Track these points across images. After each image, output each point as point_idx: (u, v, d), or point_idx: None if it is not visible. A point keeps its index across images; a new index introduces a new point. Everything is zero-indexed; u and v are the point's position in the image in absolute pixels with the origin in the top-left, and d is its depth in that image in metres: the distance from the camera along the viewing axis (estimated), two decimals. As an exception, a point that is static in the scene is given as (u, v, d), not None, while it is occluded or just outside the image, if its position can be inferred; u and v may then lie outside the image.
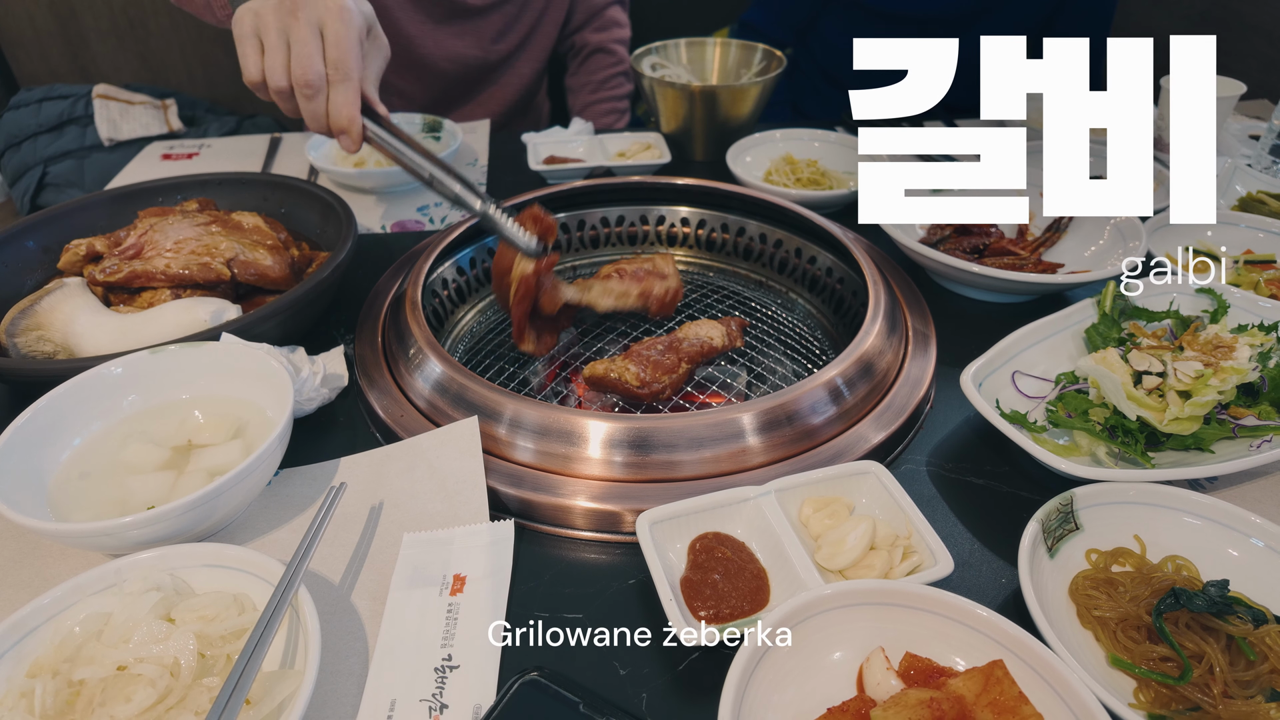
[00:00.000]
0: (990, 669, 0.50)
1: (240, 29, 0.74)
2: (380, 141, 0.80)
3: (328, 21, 0.74)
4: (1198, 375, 0.72)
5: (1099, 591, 0.60)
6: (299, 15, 0.73)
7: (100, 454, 0.71)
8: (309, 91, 0.73)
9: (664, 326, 0.98)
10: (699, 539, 0.64)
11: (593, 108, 1.78)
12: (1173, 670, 0.55)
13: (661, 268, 0.98)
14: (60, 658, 0.54)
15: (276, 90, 0.74)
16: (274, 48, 0.73)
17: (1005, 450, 0.78)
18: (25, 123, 2.36)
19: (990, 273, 0.92)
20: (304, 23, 0.73)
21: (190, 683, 0.53)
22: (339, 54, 0.74)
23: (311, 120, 0.75)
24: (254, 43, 0.74)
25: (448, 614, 0.61)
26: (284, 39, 0.73)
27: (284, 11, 0.74)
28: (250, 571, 0.59)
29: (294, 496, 0.72)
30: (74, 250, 0.93)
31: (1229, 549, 0.63)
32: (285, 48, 0.73)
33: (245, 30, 0.74)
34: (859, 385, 0.78)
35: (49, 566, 0.66)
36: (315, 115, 0.75)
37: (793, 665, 0.53)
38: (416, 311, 0.85)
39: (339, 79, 0.74)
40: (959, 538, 0.69)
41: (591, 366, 0.86)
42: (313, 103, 0.74)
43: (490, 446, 0.73)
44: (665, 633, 0.59)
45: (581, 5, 1.70)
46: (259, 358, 0.74)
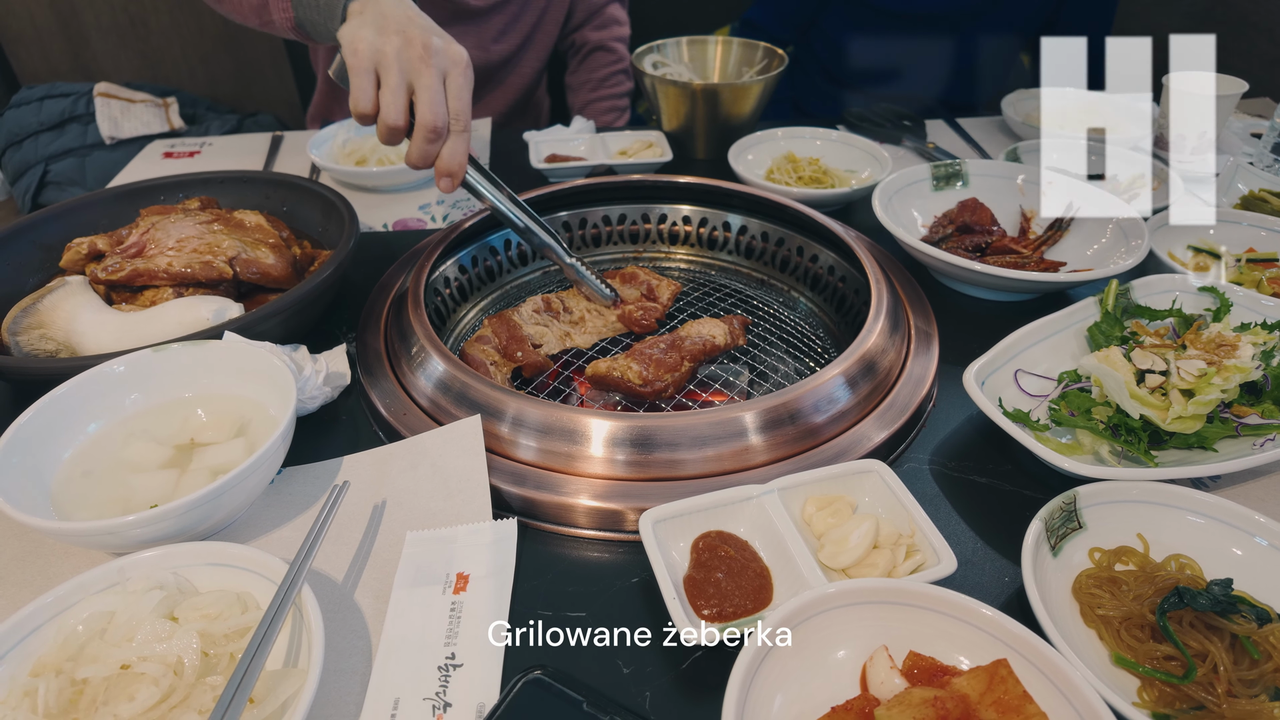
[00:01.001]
0: (994, 668, 0.50)
1: (357, 60, 0.76)
2: (477, 186, 0.84)
3: (452, 73, 0.78)
4: (1201, 374, 0.72)
5: (1102, 590, 0.60)
6: (430, 63, 0.77)
7: (103, 452, 0.71)
8: (433, 136, 0.77)
9: (666, 325, 0.99)
10: (702, 537, 0.64)
11: (593, 105, 1.78)
12: (1177, 669, 0.55)
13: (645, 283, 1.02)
14: (64, 656, 0.54)
15: (389, 126, 0.77)
16: (395, 87, 0.76)
17: (1008, 449, 0.77)
18: (26, 121, 2.36)
19: (992, 271, 0.92)
20: (434, 70, 0.77)
21: (194, 681, 0.53)
22: (461, 106, 0.78)
23: (420, 159, 0.79)
24: (371, 76, 0.76)
25: (451, 612, 0.61)
26: (406, 80, 0.76)
27: (412, 55, 0.76)
28: (253, 570, 0.59)
29: (297, 495, 0.72)
30: (76, 248, 0.93)
31: (1233, 548, 0.63)
32: (406, 89, 0.76)
33: (363, 63, 0.76)
34: (861, 384, 0.78)
35: (52, 565, 0.66)
36: (426, 156, 0.79)
37: (796, 664, 0.53)
38: (419, 309, 0.85)
39: (459, 129, 0.79)
40: (962, 536, 0.69)
41: (594, 365, 0.86)
42: (432, 145, 0.78)
43: (493, 445, 0.73)
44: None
45: (582, 3, 1.70)
46: (261, 356, 0.74)
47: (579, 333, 0.96)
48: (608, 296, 0.95)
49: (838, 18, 1.73)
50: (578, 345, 0.95)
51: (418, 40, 0.77)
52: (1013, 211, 1.13)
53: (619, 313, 0.98)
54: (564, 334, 0.96)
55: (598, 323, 0.98)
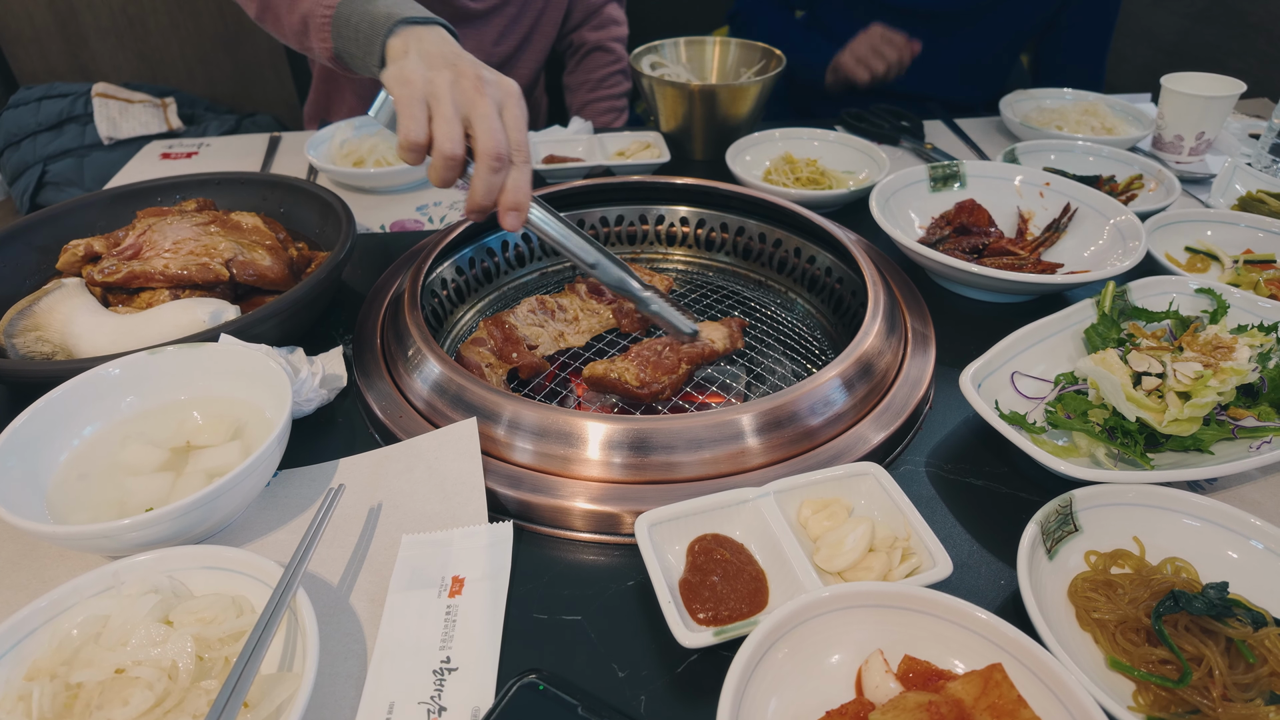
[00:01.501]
0: (989, 672, 0.50)
1: (409, 91, 0.75)
2: (543, 223, 0.80)
3: (508, 104, 0.76)
4: (1197, 376, 0.72)
5: (1098, 593, 0.60)
6: (485, 93, 0.75)
7: (99, 455, 0.70)
8: (496, 165, 0.74)
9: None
10: (698, 540, 0.64)
11: (591, 106, 1.78)
12: (1172, 673, 0.55)
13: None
14: (58, 660, 0.54)
15: (446, 155, 0.74)
16: (449, 118, 0.74)
17: (1004, 451, 0.77)
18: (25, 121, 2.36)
19: (989, 273, 0.92)
20: (489, 100, 0.75)
21: (188, 685, 0.53)
22: (520, 136, 0.76)
23: (485, 194, 0.75)
24: (423, 108, 0.74)
25: (446, 616, 0.61)
26: (460, 112, 0.74)
27: (465, 86, 0.75)
28: (248, 573, 0.59)
29: (292, 498, 0.72)
30: (72, 250, 0.93)
31: (1228, 551, 0.63)
32: (462, 119, 0.74)
33: (415, 94, 0.74)
34: (858, 386, 0.78)
35: (47, 568, 0.66)
36: (491, 189, 0.75)
37: (791, 668, 0.53)
38: (415, 312, 0.85)
39: (521, 160, 0.76)
40: (958, 539, 0.69)
41: (591, 367, 0.86)
42: (495, 176, 0.74)
43: (489, 448, 0.73)
44: (663, 635, 0.59)
45: (579, 3, 1.69)
46: (258, 358, 0.74)
47: (573, 332, 0.97)
48: (688, 331, 0.86)
49: (840, 12, 1.72)
50: (572, 345, 0.95)
51: (470, 72, 0.76)
52: (1010, 213, 1.13)
53: (613, 308, 0.98)
54: (558, 334, 0.96)
55: (591, 321, 0.98)
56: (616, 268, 0.83)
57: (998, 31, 1.66)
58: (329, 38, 0.94)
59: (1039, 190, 1.12)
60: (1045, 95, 1.54)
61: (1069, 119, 1.46)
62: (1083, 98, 1.53)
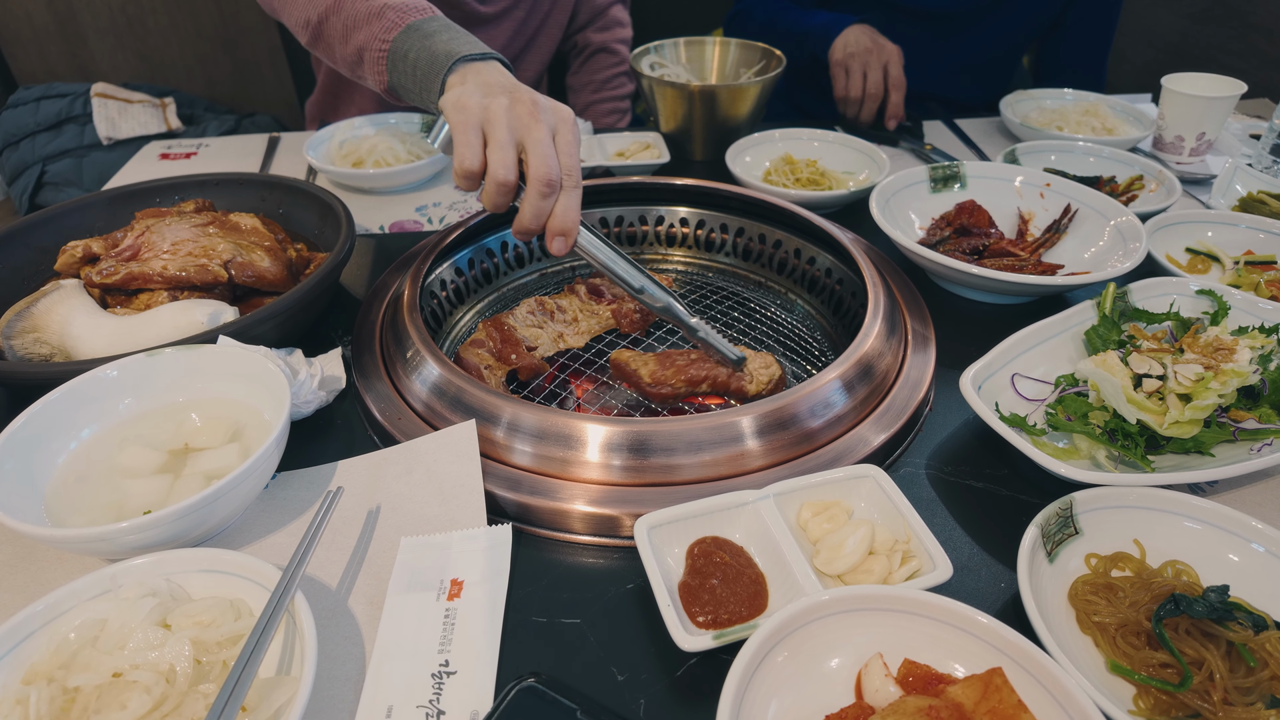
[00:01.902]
0: (989, 676, 0.50)
1: (464, 117, 0.75)
2: (591, 247, 0.79)
3: (561, 129, 0.77)
4: (1198, 378, 0.72)
5: (1098, 597, 0.60)
6: (540, 118, 0.75)
7: (96, 458, 0.70)
8: (547, 190, 0.74)
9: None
10: (697, 543, 0.64)
11: (594, 107, 1.78)
12: (1172, 677, 0.55)
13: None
14: (55, 664, 0.54)
15: (499, 181, 0.74)
16: (503, 144, 0.74)
17: (1004, 453, 0.77)
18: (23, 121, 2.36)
19: (989, 274, 0.92)
20: (544, 125, 0.75)
21: (186, 689, 0.52)
22: (571, 162, 0.76)
23: (533, 218, 0.75)
24: (478, 134, 0.75)
25: (445, 619, 0.61)
26: (514, 137, 0.75)
27: (520, 112, 0.75)
28: (247, 576, 0.59)
29: (291, 500, 0.72)
30: (71, 252, 0.93)
31: (1229, 554, 0.63)
32: (516, 145, 0.75)
33: (471, 120, 0.75)
34: (858, 388, 0.78)
35: (45, 571, 0.66)
36: (539, 214, 0.75)
37: (791, 671, 0.53)
38: (414, 313, 0.84)
39: (571, 185, 0.76)
40: (958, 542, 0.69)
41: (619, 351, 0.87)
42: (546, 201, 0.74)
43: (488, 450, 0.73)
44: (663, 638, 0.59)
45: (585, 5, 1.69)
46: (256, 360, 0.74)
47: (572, 333, 0.96)
48: (734, 359, 0.85)
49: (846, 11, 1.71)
50: (572, 346, 0.95)
51: (525, 99, 0.76)
52: (1011, 214, 1.13)
53: (613, 309, 0.98)
54: (558, 335, 0.95)
55: (590, 322, 0.98)
56: (663, 293, 0.83)
57: (1003, 31, 1.66)
58: (384, 71, 0.95)
59: (1039, 191, 1.12)
60: (1045, 95, 1.54)
61: (1069, 119, 1.46)
62: (1083, 98, 1.52)
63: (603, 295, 1.01)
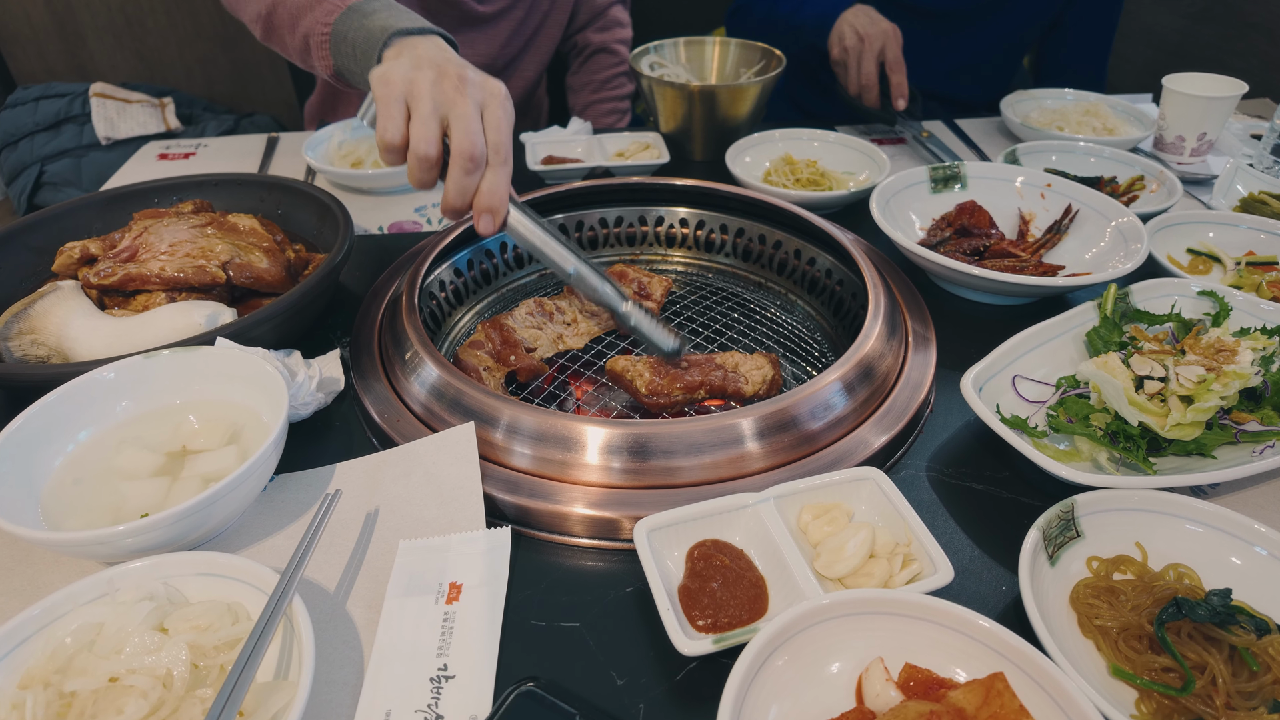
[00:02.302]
0: (991, 681, 0.49)
1: (388, 90, 0.74)
2: (521, 228, 0.78)
3: (490, 104, 0.75)
4: (1200, 380, 0.72)
5: (1100, 600, 0.60)
6: (465, 93, 0.74)
7: (93, 460, 0.70)
8: (470, 166, 0.73)
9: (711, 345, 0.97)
10: (697, 546, 0.64)
11: (594, 107, 1.78)
12: (1175, 681, 0.54)
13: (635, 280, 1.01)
14: (52, 668, 0.53)
15: (420, 155, 0.73)
16: (425, 117, 0.73)
17: (1005, 455, 0.77)
18: (22, 121, 2.35)
19: (990, 275, 0.92)
20: (469, 100, 0.73)
21: (183, 694, 0.52)
22: (500, 138, 0.74)
23: (457, 195, 0.74)
24: (401, 107, 0.73)
25: (443, 623, 0.60)
26: (438, 111, 0.73)
27: (446, 86, 0.74)
28: (244, 580, 0.58)
29: (289, 503, 0.72)
30: (68, 253, 0.92)
31: (1231, 557, 0.62)
32: (439, 120, 0.73)
33: (394, 94, 0.73)
34: (859, 389, 0.77)
35: (42, 574, 0.66)
36: (464, 190, 0.74)
37: (791, 676, 0.53)
38: (413, 314, 0.84)
39: (498, 162, 0.74)
40: (959, 544, 0.69)
41: (615, 360, 0.86)
42: (469, 178, 0.73)
43: (487, 452, 0.73)
44: (663, 642, 0.59)
45: (585, 5, 1.69)
46: (254, 362, 0.74)
47: (572, 334, 0.96)
48: (668, 348, 0.84)
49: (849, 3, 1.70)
50: (571, 347, 0.94)
51: (453, 73, 0.75)
52: (1011, 214, 1.12)
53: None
54: (557, 336, 0.95)
55: (590, 324, 0.98)
56: (596, 278, 0.82)
57: (1004, 30, 1.65)
58: (329, 55, 0.94)
59: (1040, 192, 1.12)
60: (1046, 95, 1.54)
61: (1070, 119, 1.45)
62: (1084, 98, 1.52)
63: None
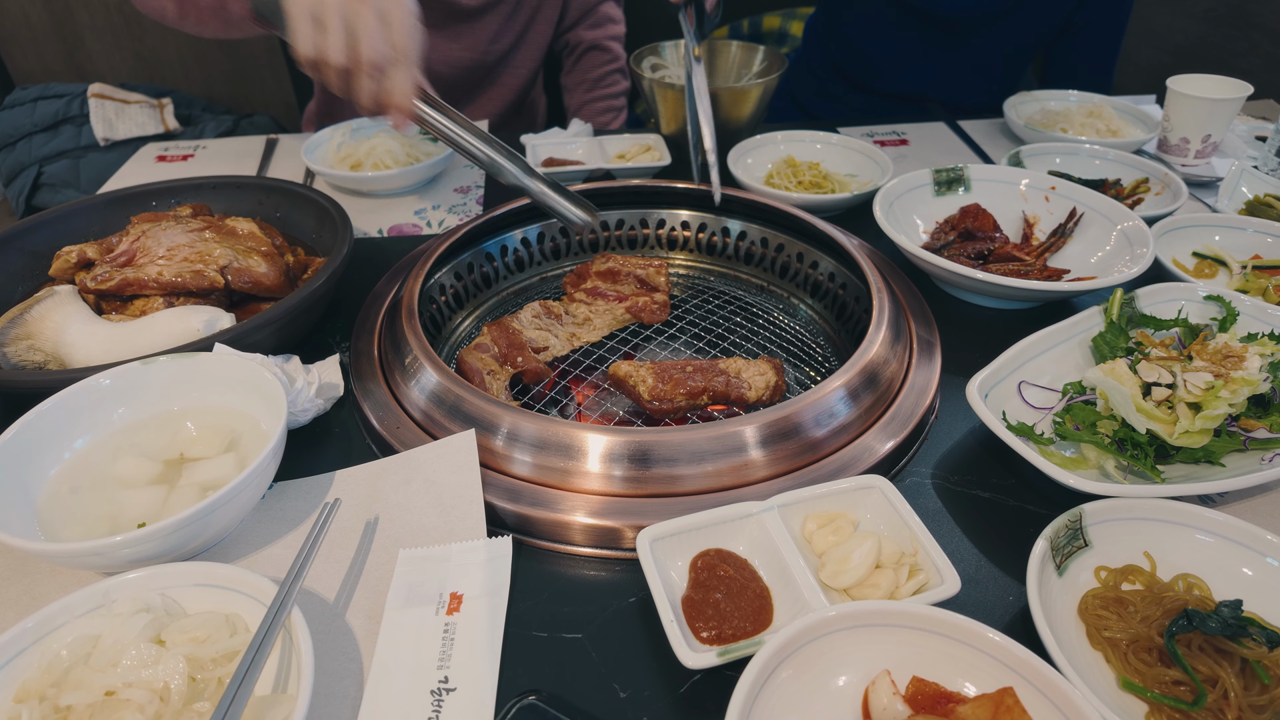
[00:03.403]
0: (1000, 696, 0.49)
1: (296, 7, 0.80)
2: (433, 121, 0.85)
3: (393, 12, 0.81)
4: (1208, 386, 0.71)
5: (1109, 611, 0.59)
6: (367, 3, 0.79)
7: (90, 468, 0.69)
8: (373, 70, 0.80)
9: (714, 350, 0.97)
10: (700, 556, 0.63)
11: (589, 106, 1.77)
12: (1186, 694, 0.54)
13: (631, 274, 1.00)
14: (47, 682, 0.53)
15: (335, 67, 0.80)
16: (335, 29, 0.79)
17: (1012, 463, 0.76)
18: (20, 122, 2.34)
19: (995, 279, 0.91)
20: (370, 9, 0.79)
21: (180, 708, 0.51)
22: (401, 39, 0.81)
23: (368, 99, 0.82)
24: (310, 22, 0.80)
25: (444, 634, 0.60)
26: (345, 22, 0.79)
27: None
28: (242, 591, 0.57)
29: (288, 511, 0.71)
30: (65, 257, 0.91)
31: (1242, 567, 0.61)
32: (344, 30, 0.79)
33: (302, 10, 0.80)
34: (863, 396, 0.77)
35: (38, 584, 0.65)
36: (372, 94, 0.81)
37: (797, 689, 0.52)
38: (412, 319, 0.83)
39: (401, 61, 0.81)
40: (965, 554, 0.68)
41: (617, 365, 0.85)
42: (374, 82, 0.81)
43: (488, 460, 0.72)
44: (666, 653, 0.58)
45: (575, 2, 1.68)
46: (252, 368, 0.73)
47: (586, 331, 0.95)
48: (578, 220, 0.90)
49: (859, 15, 1.70)
50: (587, 342, 0.94)
51: None
52: (1015, 217, 1.12)
53: (626, 305, 0.97)
54: (571, 335, 0.94)
55: (605, 319, 0.97)
56: (508, 162, 0.88)
57: (1013, 36, 1.64)
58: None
59: (1045, 194, 1.11)
60: (1049, 97, 1.53)
61: (1074, 121, 1.44)
62: (1088, 99, 1.51)
63: (604, 295, 0.99)
